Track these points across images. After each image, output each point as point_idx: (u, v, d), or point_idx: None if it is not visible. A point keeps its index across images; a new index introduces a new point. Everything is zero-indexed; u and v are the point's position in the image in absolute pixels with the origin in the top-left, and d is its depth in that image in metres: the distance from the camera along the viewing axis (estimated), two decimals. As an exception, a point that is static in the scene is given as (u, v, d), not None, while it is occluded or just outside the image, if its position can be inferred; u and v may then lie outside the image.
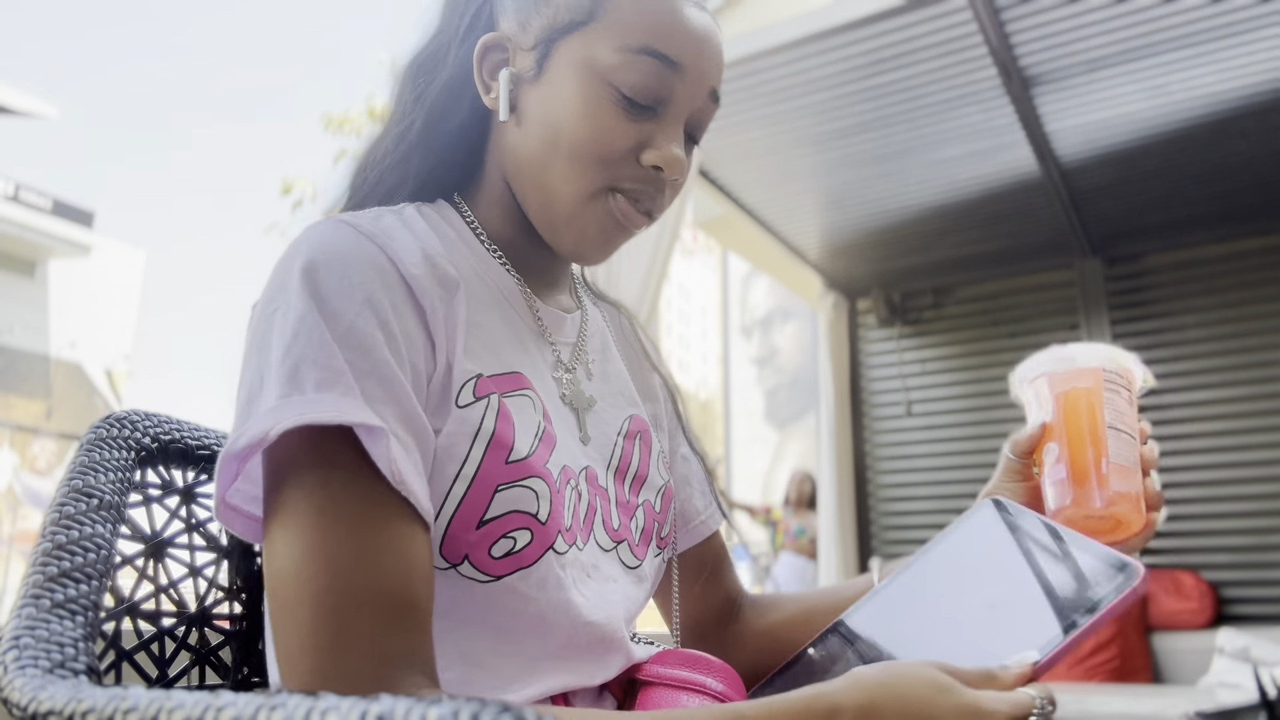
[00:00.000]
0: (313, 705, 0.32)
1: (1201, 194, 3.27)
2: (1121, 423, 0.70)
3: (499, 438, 0.58)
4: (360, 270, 0.56)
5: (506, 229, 0.70)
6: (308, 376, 0.52)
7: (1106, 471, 0.68)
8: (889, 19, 2.34)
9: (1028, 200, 3.30)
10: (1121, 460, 0.69)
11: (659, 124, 0.64)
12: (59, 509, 0.57)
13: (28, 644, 0.46)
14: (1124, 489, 0.68)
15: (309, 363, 0.52)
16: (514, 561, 0.58)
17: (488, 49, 0.67)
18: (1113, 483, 0.68)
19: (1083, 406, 0.71)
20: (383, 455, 0.51)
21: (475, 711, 0.29)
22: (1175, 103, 2.69)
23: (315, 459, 0.52)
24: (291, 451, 0.52)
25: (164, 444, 0.69)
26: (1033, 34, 2.39)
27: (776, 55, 2.51)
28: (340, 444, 0.51)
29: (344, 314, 0.54)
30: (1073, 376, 0.73)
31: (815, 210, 3.50)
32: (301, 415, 0.50)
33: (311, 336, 0.53)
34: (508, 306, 0.67)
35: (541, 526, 0.59)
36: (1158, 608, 3.22)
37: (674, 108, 0.65)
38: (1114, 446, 0.69)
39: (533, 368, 0.66)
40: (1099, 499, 0.68)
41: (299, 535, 0.50)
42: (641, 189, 0.65)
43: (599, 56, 0.62)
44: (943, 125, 2.82)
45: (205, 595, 0.70)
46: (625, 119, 0.63)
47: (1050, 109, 2.73)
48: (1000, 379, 3.88)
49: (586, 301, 0.80)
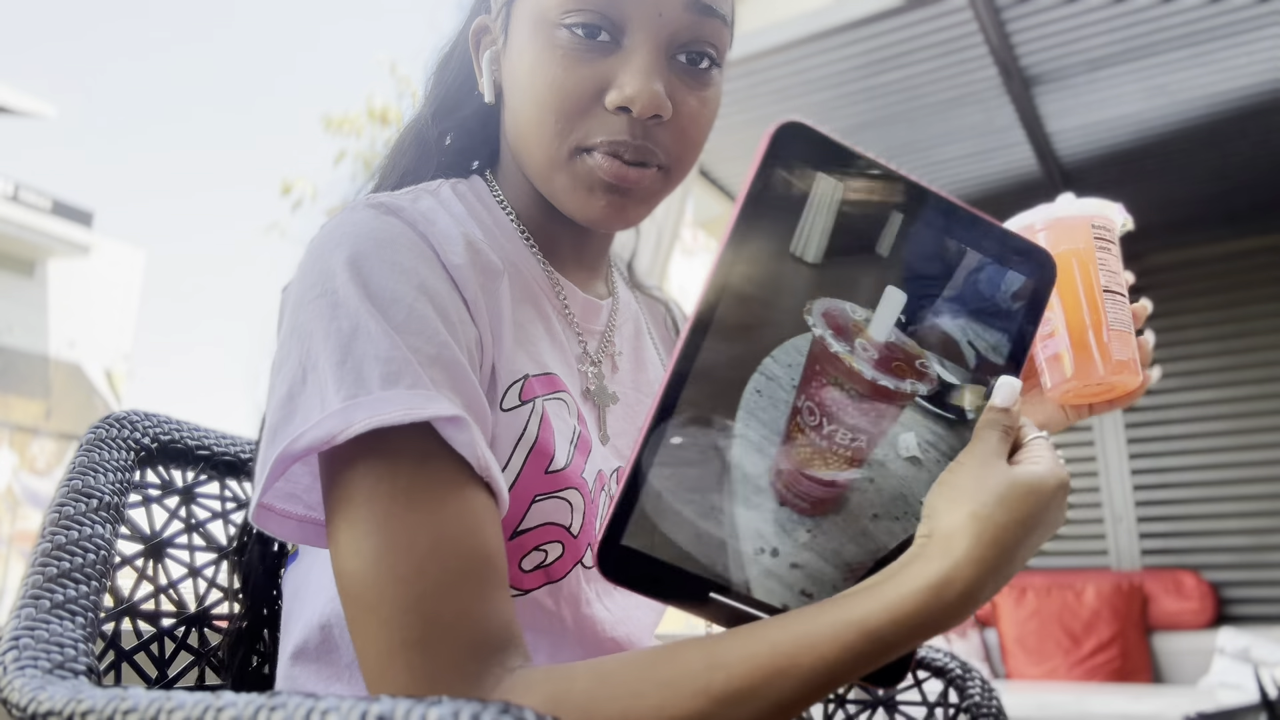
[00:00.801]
0: (313, 705, 0.32)
1: (1201, 194, 3.27)
2: (1115, 283, 0.66)
3: (541, 446, 0.56)
4: (408, 255, 0.53)
5: (533, 211, 0.66)
6: (372, 373, 0.48)
7: (1108, 340, 0.65)
8: (889, 19, 2.34)
9: (1028, 200, 3.28)
10: (1120, 325, 0.65)
11: (621, 55, 0.57)
12: (58, 509, 0.57)
13: (27, 644, 0.46)
14: (1124, 355, 0.65)
15: (371, 359, 0.49)
16: (544, 575, 0.57)
17: (477, 37, 0.66)
18: (1114, 350, 0.65)
19: (1076, 269, 0.66)
20: (467, 443, 0.48)
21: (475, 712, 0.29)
22: (1175, 103, 2.69)
23: (381, 451, 0.48)
24: (357, 449, 0.48)
25: (163, 444, 0.69)
26: (1033, 34, 2.39)
27: (776, 55, 2.51)
28: (408, 433, 0.48)
29: (400, 300, 0.51)
30: (1061, 234, 0.67)
31: (815, 210, 3.50)
32: (373, 417, 0.46)
33: (371, 332, 0.49)
34: (540, 295, 0.64)
35: (573, 540, 0.58)
36: (1158, 608, 3.22)
37: (635, 35, 0.56)
38: (1112, 311, 0.65)
39: (562, 363, 0.63)
40: (1102, 368, 0.65)
41: (371, 530, 0.47)
42: (620, 139, 0.57)
43: (544, 2, 0.58)
44: (943, 125, 2.82)
45: (205, 595, 0.70)
46: (579, 62, 0.57)
47: (1050, 109, 2.73)
48: (1000, 379, 3.89)
49: (621, 288, 0.76)
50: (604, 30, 0.56)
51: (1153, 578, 3.28)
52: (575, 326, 0.67)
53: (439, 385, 0.49)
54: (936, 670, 0.84)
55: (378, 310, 0.50)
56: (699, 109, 0.60)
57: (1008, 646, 3.31)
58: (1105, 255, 0.67)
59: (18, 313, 14.91)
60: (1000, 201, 3.30)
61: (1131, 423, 3.59)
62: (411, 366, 0.49)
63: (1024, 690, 2.73)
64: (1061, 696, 2.49)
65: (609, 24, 0.56)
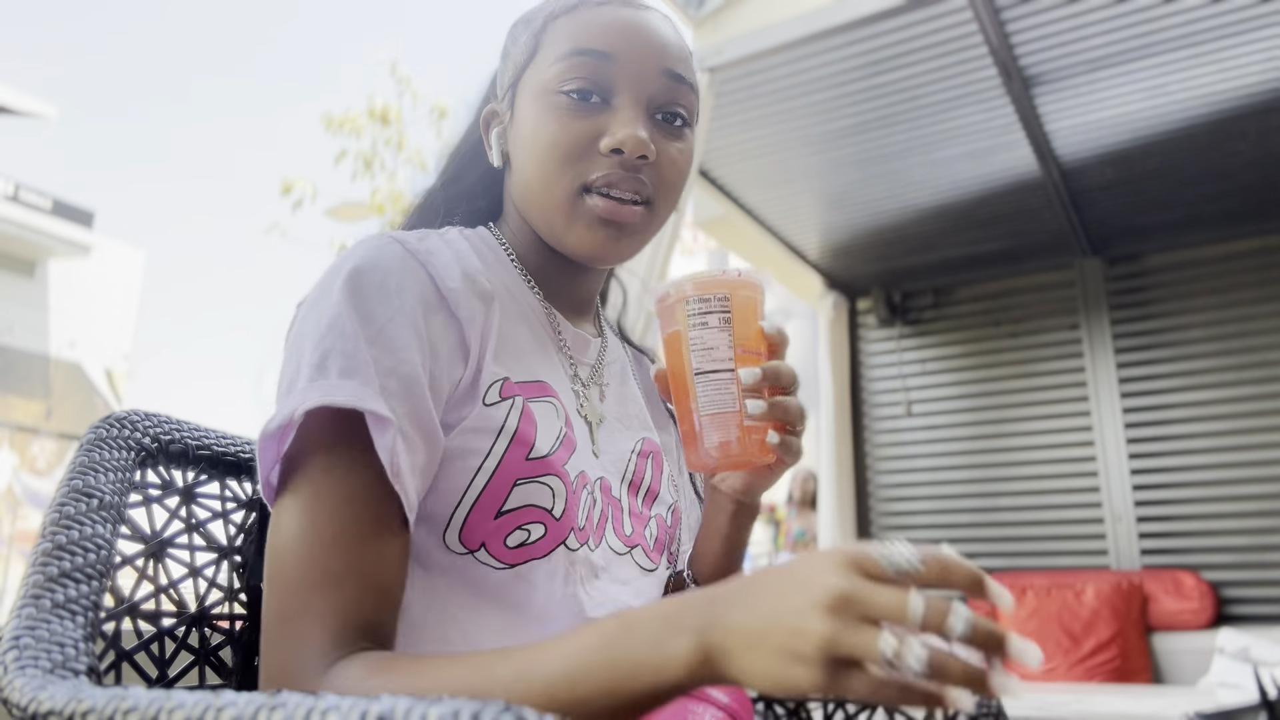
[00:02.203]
0: (313, 706, 0.32)
1: (1202, 194, 3.27)
2: (710, 361, 0.64)
3: (521, 435, 0.63)
4: (400, 280, 0.61)
5: (531, 255, 0.76)
6: (334, 365, 0.57)
7: (700, 429, 0.64)
8: (889, 19, 2.34)
9: (1028, 200, 3.30)
10: (715, 407, 0.63)
11: (611, 113, 0.68)
12: (59, 509, 0.57)
13: (28, 644, 0.46)
14: (724, 437, 0.63)
15: (336, 353, 0.57)
16: (527, 552, 0.62)
17: (487, 121, 0.77)
18: (708, 436, 0.63)
19: (675, 354, 0.66)
20: (386, 447, 0.55)
21: (475, 711, 0.29)
22: (1175, 103, 2.69)
23: (328, 443, 0.57)
24: (311, 433, 0.57)
25: (164, 444, 0.69)
26: (1033, 34, 2.39)
27: (776, 55, 2.51)
28: (353, 434, 0.56)
29: (378, 317, 0.59)
30: (667, 318, 0.66)
31: (815, 210, 3.50)
32: (324, 397, 0.55)
33: (344, 331, 0.58)
34: (536, 323, 0.72)
35: (555, 522, 0.63)
36: (1158, 608, 3.22)
37: (622, 95, 0.68)
38: (702, 394, 0.63)
39: (556, 379, 0.71)
40: (708, 457, 0.64)
41: (296, 514, 0.56)
42: (614, 177, 0.68)
43: (543, 75, 0.69)
44: (943, 125, 2.82)
45: (205, 595, 0.70)
46: (576, 119, 0.68)
47: (1050, 109, 2.73)
48: (1001, 379, 3.89)
49: (610, 334, 0.85)
50: (595, 94, 0.68)
51: (1153, 578, 3.28)
52: (568, 354, 0.75)
53: (389, 394, 0.57)
54: (936, 670, 0.83)
55: (358, 318, 0.59)
56: (676, 156, 0.71)
57: (1008, 646, 3.31)
58: (700, 332, 0.64)
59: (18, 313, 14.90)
60: (1000, 201, 3.30)
61: (1131, 423, 3.59)
62: (368, 369, 0.57)
63: (1024, 690, 2.73)
64: (1061, 696, 2.49)
65: (600, 89, 0.68)
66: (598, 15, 0.70)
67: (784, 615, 0.41)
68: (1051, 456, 3.72)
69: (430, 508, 0.61)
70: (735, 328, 0.65)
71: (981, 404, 3.91)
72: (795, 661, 0.40)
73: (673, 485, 0.80)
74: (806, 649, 0.40)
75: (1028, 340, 3.87)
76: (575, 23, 0.69)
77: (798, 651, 0.40)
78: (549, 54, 0.69)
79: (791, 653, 0.40)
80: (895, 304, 4.14)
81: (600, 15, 0.70)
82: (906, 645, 0.39)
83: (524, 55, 0.72)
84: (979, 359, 3.96)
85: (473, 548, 0.61)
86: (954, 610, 0.40)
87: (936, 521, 3.89)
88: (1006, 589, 0.46)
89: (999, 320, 3.96)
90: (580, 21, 0.69)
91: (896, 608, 0.39)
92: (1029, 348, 3.87)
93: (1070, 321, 3.79)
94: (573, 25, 0.69)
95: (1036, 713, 2.24)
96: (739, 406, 0.63)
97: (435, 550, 0.61)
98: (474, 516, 0.61)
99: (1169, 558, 3.43)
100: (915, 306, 4.13)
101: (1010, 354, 3.90)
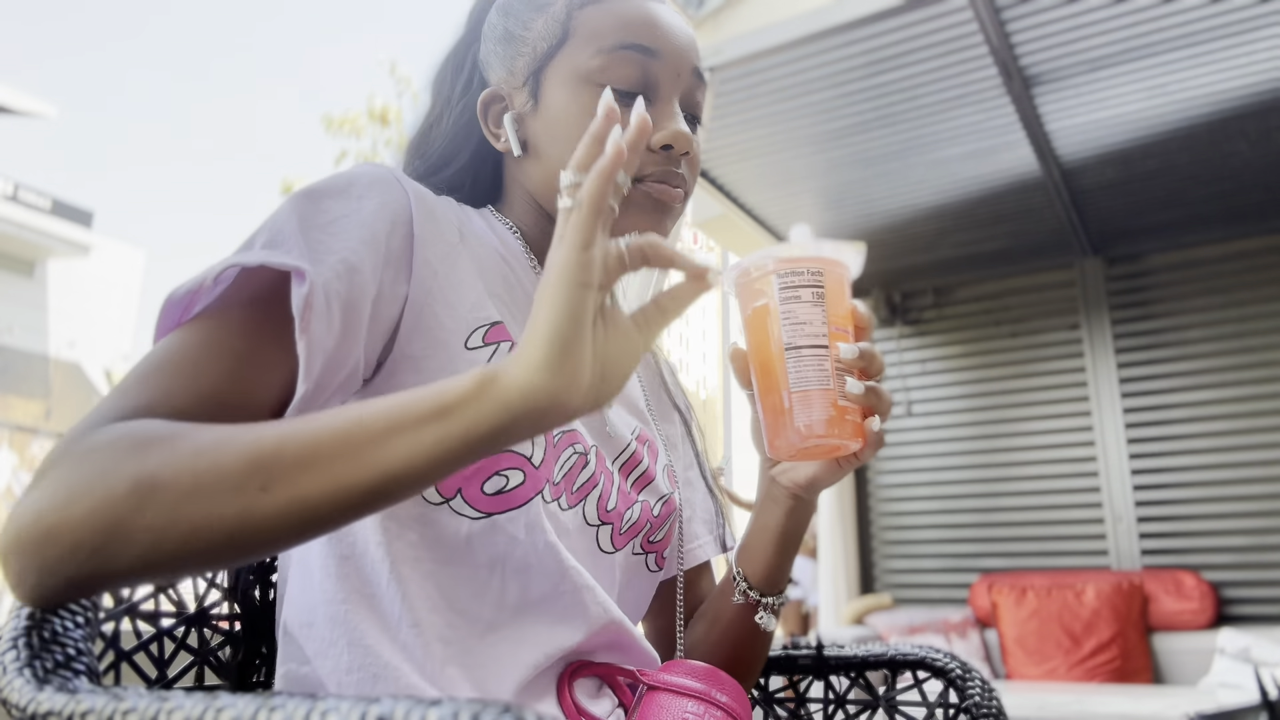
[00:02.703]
0: (312, 706, 0.32)
1: (1202, 194, 3.27)
2: (803, 336, 0.60)
3: None
4: (366, 189, 0.60)
5: (539, 238, 0.75)
6: (260, 239, 0.54)
7: (791, 407, 0.60)
8: (889, 19, 2.33)
9: (1028, 200, 3.30)
10: (807, 384, 0.60)
11: (653, 109, 0.68)
12: (58, 509, 0.56)
13: (27, 645, 0.46)
14: (817, 416, 0.60)
15: (266, 230, 0.55)
16: (504, 500, 0.60)
17: (487, 104, 0.74)
18: (798, 416, 0.60)
19: (760, 329, 0.62)
20: (301, 295, 0.51)
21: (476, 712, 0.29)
22: (1175, 103, 2.69)
23: (239, 302, 0.54)
24: (221, 297, 0.54)
25: (163, 444, 0.68)
26: (1033, 34, 2.39)
27: (776, 55, 2.51)
28: (271, 301, 0.53)
29: (330, 210, 0.57)
30: (750, 292, 0.63)
31: (815, 210, 3.50)
32: (236, 259, 0.52)
33: (282, 218, 0.55)
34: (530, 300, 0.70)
35: (534, 470, 0.61)
36: (1158, 608, 3.22)
37: (663, 91, 0.69)
38: (794, 372, 0.60)
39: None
40: (795, 436, 0.60)
41: (181, 334, 0.52)
42: (663, 171, 0.68)
43: (582, 65, 0.68)
44: (943, 125, 2.82)
45: (204, 595, 0.70)
46: (622, 113, 0.64)
47: (1050, 109, 2.73)
48: (1002, 379, 3.89)
49: None
50: (642, 91, 0.69)
51: (1153, 578, 3.28)
52: None
53: (319, 263, 0.53)
54: (936, 670, 0.83)
55: (307, 210, 0.56)
56: (697, 151, 0.72)
57: (1008, 646, 3.31)
58: (792, 305, 0.61)
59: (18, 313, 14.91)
60: (1000, 201, 3.30)
61: (1131, 423, 3.59)
62: (298, 244, 0.54)
63: (1024, 690, 2.73)
64: (1061, 696, 2.49)
65: (645, 85, 0.69)
66: (633, 8, 0.69)
67: (542, 298, 0.45)
68: (1052, 456, 3.72)
69: None
70: (828, 304, 0.61)
71: (982, 404, 3.91)
72: (577, 287, 0.44)
73: (669, 476, 0.78)
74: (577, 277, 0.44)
75: (1028, 340, 3.87)
76: (612, 15, 0.69)
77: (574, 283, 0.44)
78: (588, 44, 0.68)
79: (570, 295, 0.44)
80: (895, 304, 4.14)
81: (636, 8, 0.69)
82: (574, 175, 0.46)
83: (548, 41, 0.70)
84: (979, 359, 3.96)
85: (448, 496, 0.59)
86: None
87: (937, 521, 3.89)
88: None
89: (999, 320, 3.96)
90: (617, 14, 0.69)
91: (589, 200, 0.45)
92: (1029, 348, 3.87)
93: (1070, 321, 3.79)
94: (611, 17, 0.69)
95: (1036, 713, 2.24)
96: (834, 385, 0.60)
97: (406, 502, 0.58)
98: None
99: (1169, 558, 3.43)
100: (915, 306, 4.13)
101: (1010, 354, 3.90)
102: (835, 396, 0.60)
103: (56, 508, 0.42)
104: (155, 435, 0.44)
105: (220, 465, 0.42)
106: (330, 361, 0.53)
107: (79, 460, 0.44)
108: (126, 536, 0.41)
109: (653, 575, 0.77)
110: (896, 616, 3.51)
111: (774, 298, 0.61)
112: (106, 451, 0.44)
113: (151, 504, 0.41)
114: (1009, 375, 3.89)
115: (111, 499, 0.42)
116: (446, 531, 0.59)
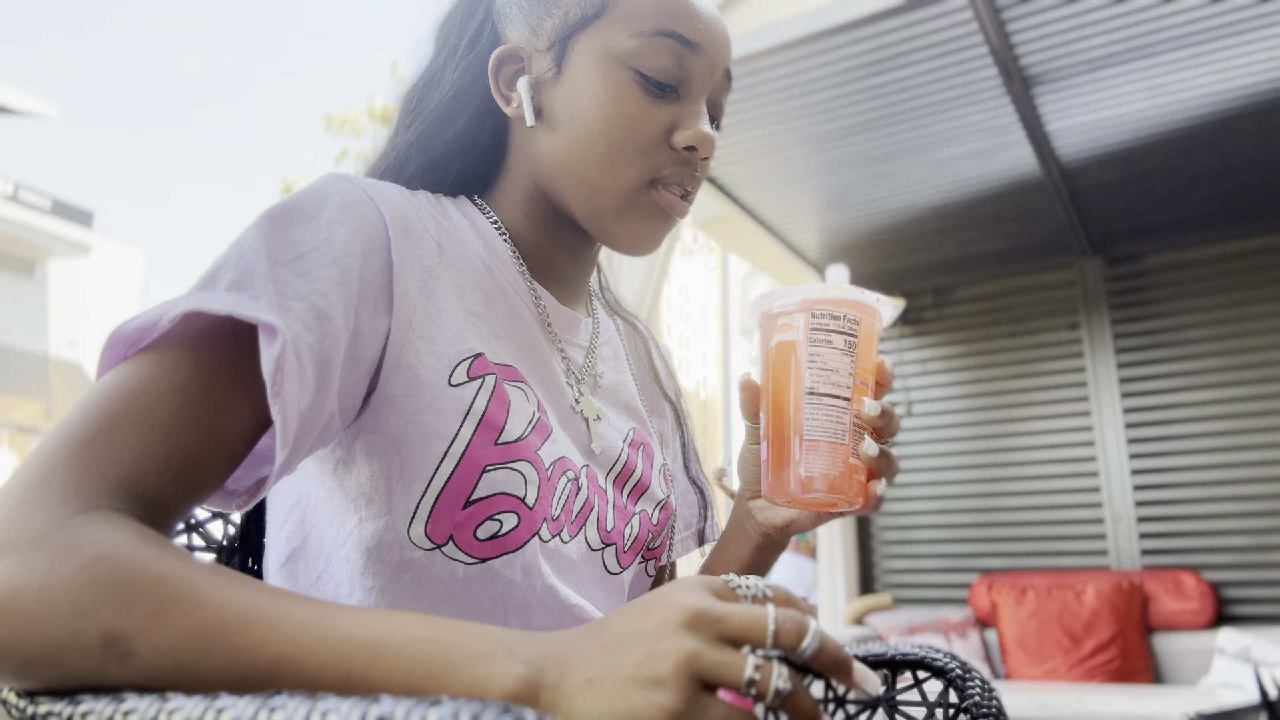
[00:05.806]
0: (312, 706, 0.32)
1: (1202, 194, 3.27)
2: (827, 384, 0.58)
3: (489, 418, 0.57)
4: (336, 215, 0.55)
5: (529, 230, 0.70)
6: (224, 278, 0.50)
7: (799, 454, 0.58)
8: (889, 19, 2.33)
9: (1028, 200, 3.30)
10: (818, 435, 0.57)
11: (683, 105, 0.65)
12: (58, 509, 0.56)
13: (26, 644, 0.45)
14: (823, 470, 0.57)
15: (230, 267, 0.50)
16: (499, 545, 0.57)
17: (501, 61, 0.68)
18: (805, 466, 0.57)
19: (782, 366, 0.59)
20: (272, 357, 0.47)
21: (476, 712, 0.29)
22: (1175, 103, 2.69)
23: (189, 338, 0.49)
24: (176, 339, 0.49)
25: (163, 444, 0.68)
26: (1033, 34, 2.39)
27: (776, 55, 2.51)
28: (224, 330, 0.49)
29: (299, 243, 0.52)
30: (778, 325, 0.60)
31: (815, 210, 3.50)
32: (199, 303, 0.47)
33: (246, 250, 0.51)
34: (516, 300, 0.66)
35: (529, 511, 0.58)
36: (1158, 608, 3.22)
37: (695, 87, 0.66)
38: (810, 419, 0.57)
39: (537, 368, 0.65)
40: (794, 486, 0.58)
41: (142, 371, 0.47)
42: (679, 173, 0.66)
43: (617, 44, 0.64)
44: (943, 125, 2.82)
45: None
46: (650, 103, 0.64)
47: (1051, 109, 2.73)
48: (1002, 379, 3.89)
49: (601, 312, 0.80)
50: (675, 82, 0.64)
51: (1153, 578, 3.28)
52: (558, 343, 0.69)
53: (288, 314, 0.49)
54: (936, 670, 0.83)
55: (274, 242, 0.51)
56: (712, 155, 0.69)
57: (1008, 646, 3.31)
58: (821, 350, 0.58)
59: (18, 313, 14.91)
60: (1000, 201, 3.30)
61: (1131, 423, 3.59)
62: (266, 287, 0.49)
63: (1024, 690, 2.73)
64: (1061, 696, 2.49)
65: (680, 79, 0.65)
66: None
67: (638, 639, 0.37)
68: (1052, 456, 3.72)
69: (392, 500, 0.55)
70: (859, 354, 0.59)
71: (982, 404, 3.91)
72: (651, 687, 0.35)
73: (665, 478, 0.76)
74: (665, 668, 0.36)
75: (1028, 340, 3.87)
76: None
77: (654, 674, 0.36)
78: (627, 22, 0.63)
79: (646, 677, 0.36)
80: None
81: None
82: (772, 667, 0.36)
83: (584, 9, 0.64)
84: (979, 359, 3.96)
85: (440, 542, 0.55)
86: (810, 627, 0.38)
87: (937, 521, 3.89)
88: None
89: (999, 320, 3.96)
90: None
91: (754, 621, 0.37)
92: (1029, 348, 3.87)
93: (1070, 321, 3.79)
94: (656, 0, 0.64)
95: (1036, 713, 2.24)
96: (848, 440, 0.57)
97: (396, 547, 0.56)
98: (440, 507, 0.55)
99: (1169, 558, 3.43)
100: (915, 306, 4.13)
101: (1010, 354, 3.90)
102: (847, 454, 0.58)
103: (22, 612, 0.38)
104: (141, 582, 0.39)
105: (205, 660, 0.39)
106: (305, 421, 0.50)
107: (58, 558, 0.39)
108: (83, 674, 0.39)
109: (649, 578, 0.77)
110: (896, 616, 3.51)
111: (803, 337, 0.59)
112: (85, 577, 0.39)
113: (118, 663, 0.38)
114: (1009, 375, 3.89)
115: (79, 644, 0.38)
116: (443, 574, 0.56)
